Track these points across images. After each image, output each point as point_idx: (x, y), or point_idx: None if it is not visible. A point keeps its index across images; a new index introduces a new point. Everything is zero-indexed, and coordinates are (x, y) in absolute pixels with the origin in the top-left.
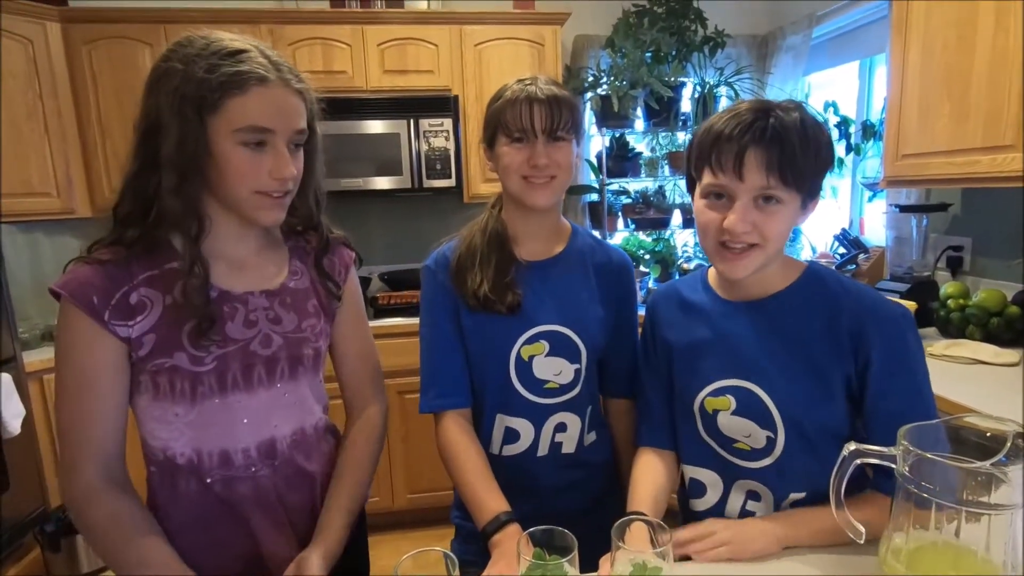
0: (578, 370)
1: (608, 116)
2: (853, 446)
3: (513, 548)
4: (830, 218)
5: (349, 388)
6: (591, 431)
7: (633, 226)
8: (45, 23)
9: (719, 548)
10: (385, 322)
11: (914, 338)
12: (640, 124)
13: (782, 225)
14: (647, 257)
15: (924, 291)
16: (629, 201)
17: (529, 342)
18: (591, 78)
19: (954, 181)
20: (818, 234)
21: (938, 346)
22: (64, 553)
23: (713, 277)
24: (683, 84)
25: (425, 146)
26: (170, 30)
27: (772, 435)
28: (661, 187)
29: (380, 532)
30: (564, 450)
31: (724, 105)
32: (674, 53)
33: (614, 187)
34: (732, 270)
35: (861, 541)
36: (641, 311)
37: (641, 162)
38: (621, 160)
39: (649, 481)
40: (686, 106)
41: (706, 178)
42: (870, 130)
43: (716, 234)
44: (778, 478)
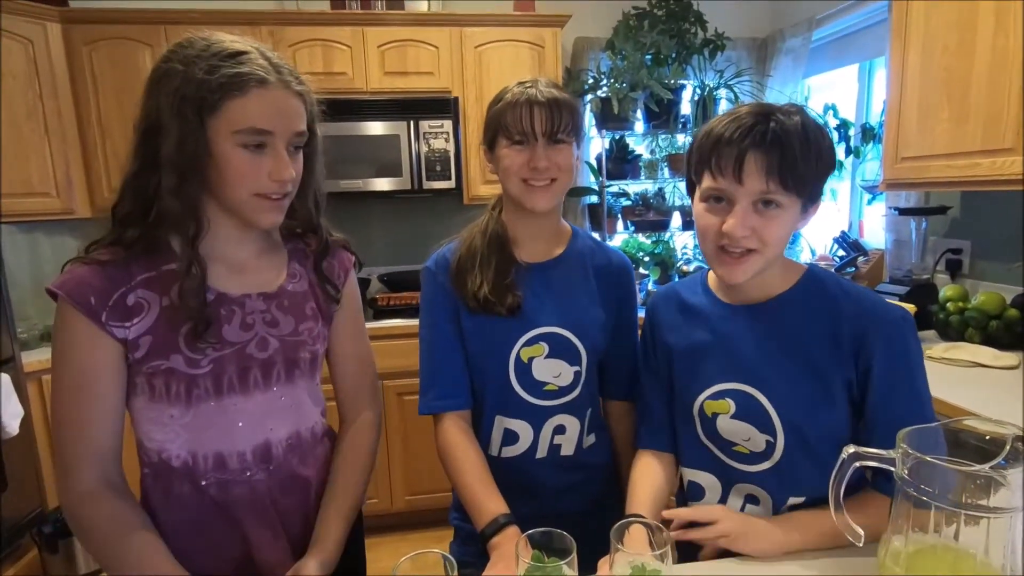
0: (577, 372)
1: (608, 118)
2: (852, 449)
3: (512, 550)
4: (829, 221)
5: (344, 392)
6: (590, 433)
7: (633, 228)
8: (45, 23)
9: (719, 539)
10: (385, 323)
11: (915, 341)
12: (640, 126)
13: (782, 230)
14: (647, 259)
15: (923, 294)
16: (629, 203)
17: (529, 344)
18: (591, 80)
19: (954, 184)
20: (817, 237)
21: (937, 349)
22: (62, 554)
23: (713, 280)
24: (683, 86)
25: (425, 148)
26: (171, 31)
27: (771, 439)
28: (661, 189)
29: (379, 534)
30: (563, 452)
31: (724, 108)
32: (674, 55)
33: (614, 189)
34: (731, 274)
35: (860, 544)
36: (641, 313)
37: (641, 164)
38: (621, 162)
39: (648, 483)
40: (686, 108)
41: (706, 181)
42: (869, 133)
43: (715, 238)
44: (777, 482)
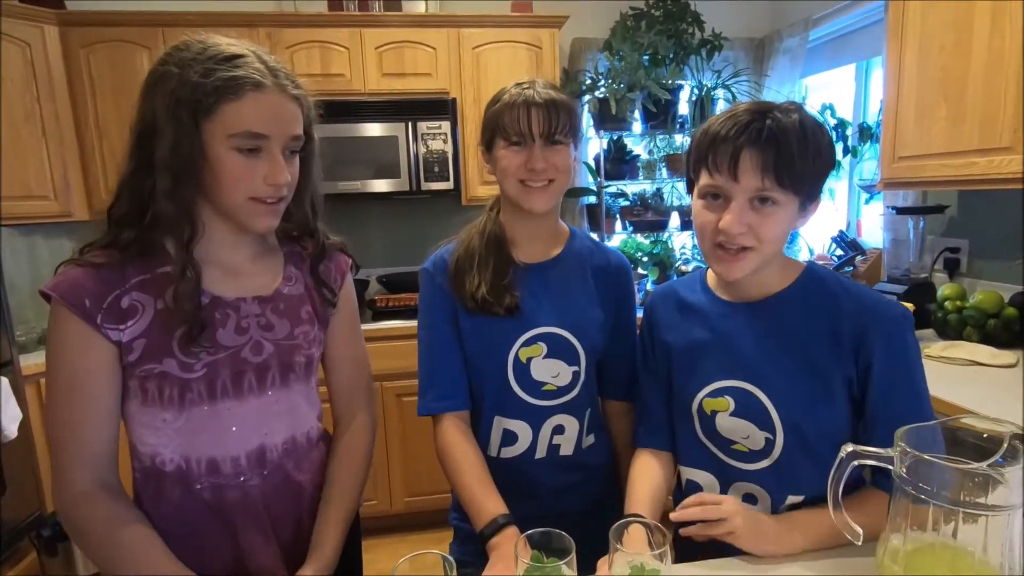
0: (576, 372)
1: (606, 119)
2: (851, 447)
3: (511, 550)
4: (827, 220)
5: (340, 395)
6: (590, 433)
7: (631, 228)
8: (43, 26)
9: (726, 536)
10: (383, 325)
11: (913, 339)
12: (638, 127)
13: (778, 227)
14: (645, 259)
15: (921, 293)
16: (627, 203)
17: (527, 344)
18: (589, 81)
19: (951, 183)
20: (815, 236)
21: (935, 347)
22: (61, 557)
23: (712, 278)
24: (680, 87)
25: (423, 149)
26: (168, 33)
27: (771, 436)
28: (659, 189)
29: (377, 535)
30: (562, 452)
31: (721, 108)
32: (671, 56)
33: (612, 189)
34: (727, 271)
35: (859, 543)
36: (639, 313)
37: (639, 164)
38: (619, 163)
39: (647, 482)
40: (684, 109)
41: (703, 179)
42: (867, 132)
43: (712, 235)
44: (776, 480)
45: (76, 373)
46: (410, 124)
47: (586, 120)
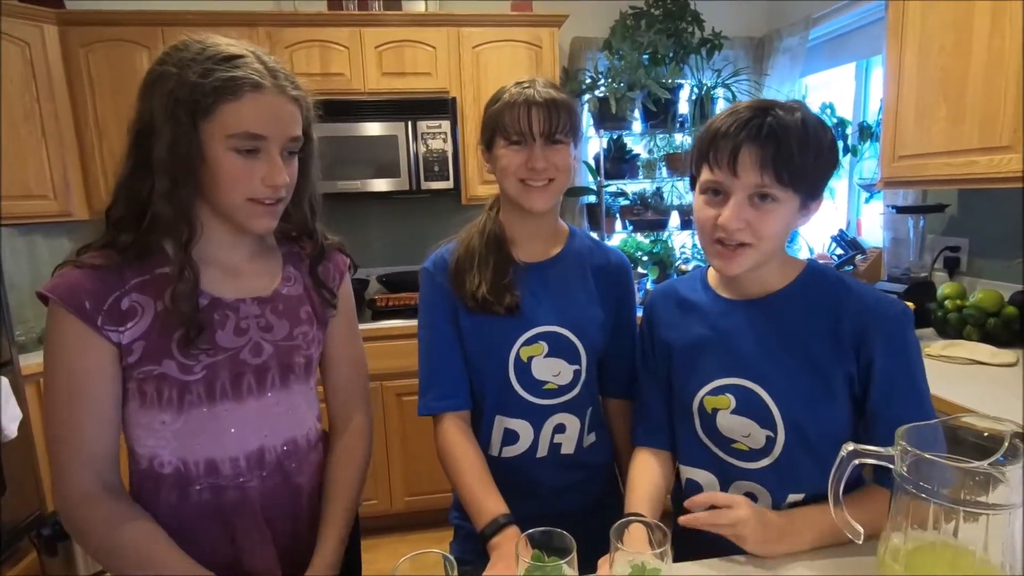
0: (577, 371)
1: (606, 118)
2: (851, 446)
3: (512, 550)
4: (827, 219)
5: (336, 395)
6: (591, 432)
7: (631, 228)
8: (42, 26)
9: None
10: (383, 324)
11: (913, 336)
12: (638, 126)
13: (777, 224)
14: (645, 259)
15: (921, 292)
16: (627, 203)
17: (528, 343)
18: (588, 80)
19: (951, 182)
20: (815, 235)
21: (935, 347)
22: (61, 557)
23: (712, 276)
24: (680, 86)
25: (423, 148)
26: (167, 33)
27: (772, 434)
28: (659, 189)
29: (378, 535)
30: (563, 451)
31: (721, 107)
32: (671, 55)
33: (612, 189)
34: (726, 267)
35: (860, 541)
36: (639, 312)
37: (639, 164)
38: (619, 162)
39: (647, 481)
40: (683, 108)
41: (704, 174)
42: (867, 131)
43: (712, 231)
44: (777, 479)
45: (75, 374)
46: (410, 123)
47: (586, 119)
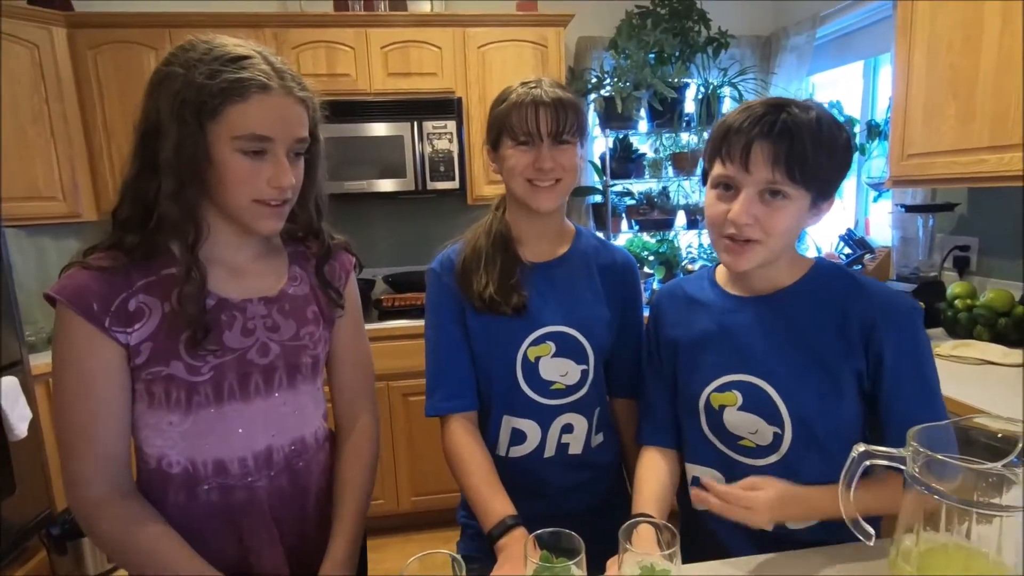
0: (585, 371)
1: (612, 117)
2: (862, 447)
3: (519, 551)
4: (835, 218)
5: (342, 395)
6: (598, 432)
7: (637, 227)
8: (51, 28)
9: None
10: (389, 324)
11: (923, 331)
12: (644, 125)
13: (787, 221)
14: (651, 258)
15: (931, 291)
16: (633, 202)
17: (535, 343)
18: (594, 80)
19: (960, 180)
20: (823, 234)
21: (945, 346)
22: (70, 556)
23: (720, 274)
24: (687, 85)
25: (429, 148)
26: (175, 34)
27: (779, 431)
28: (665, 188)
29: (385, 535)
30: (571, 451)
31: (728, 106)
32: (677, 54)
33: (618, 188)
34: (735, 262)
35: (871, 543)
36: (646, 312)
37: (645, 163)
38: (625, 161)
39: (654, 480)
40: (690, 107)
41: (716, 169)
42: (875, 130)
43: (722, 226)
44: (783, 476)
45: (84, 376)
46: (416, 124)
47: (592, 119)
